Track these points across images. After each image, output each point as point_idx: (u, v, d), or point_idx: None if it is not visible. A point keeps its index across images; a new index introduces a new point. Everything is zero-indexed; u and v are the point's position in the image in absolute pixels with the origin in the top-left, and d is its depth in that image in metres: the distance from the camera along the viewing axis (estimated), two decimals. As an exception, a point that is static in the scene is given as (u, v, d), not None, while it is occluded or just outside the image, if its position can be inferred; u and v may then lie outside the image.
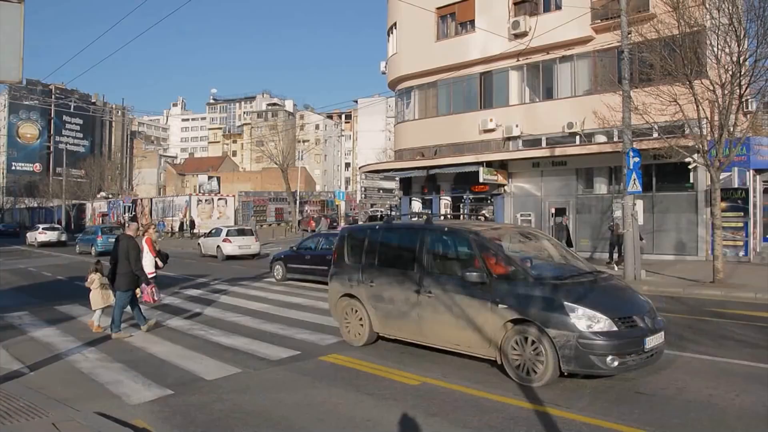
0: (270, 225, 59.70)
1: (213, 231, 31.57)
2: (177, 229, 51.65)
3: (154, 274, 12.65)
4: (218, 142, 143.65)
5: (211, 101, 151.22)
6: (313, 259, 18.50)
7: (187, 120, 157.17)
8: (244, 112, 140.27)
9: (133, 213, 55.04)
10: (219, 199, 54.99)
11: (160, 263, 13.03)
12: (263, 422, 6.27)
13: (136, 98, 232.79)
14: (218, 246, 28.85)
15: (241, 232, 29.75)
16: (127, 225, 11.54)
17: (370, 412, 6.57)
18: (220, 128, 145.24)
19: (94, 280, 11.32)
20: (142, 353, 9.41)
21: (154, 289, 11.36)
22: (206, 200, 54.08)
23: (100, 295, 11.29)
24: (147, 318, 11.51)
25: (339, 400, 6.98)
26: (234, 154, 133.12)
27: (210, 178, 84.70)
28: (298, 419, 6.36)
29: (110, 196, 69.42)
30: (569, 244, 21.73)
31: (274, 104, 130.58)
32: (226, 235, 29.01)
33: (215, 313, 13.09)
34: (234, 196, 58.68)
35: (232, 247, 28.40)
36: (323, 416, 6.46)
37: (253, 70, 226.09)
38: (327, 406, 6.80)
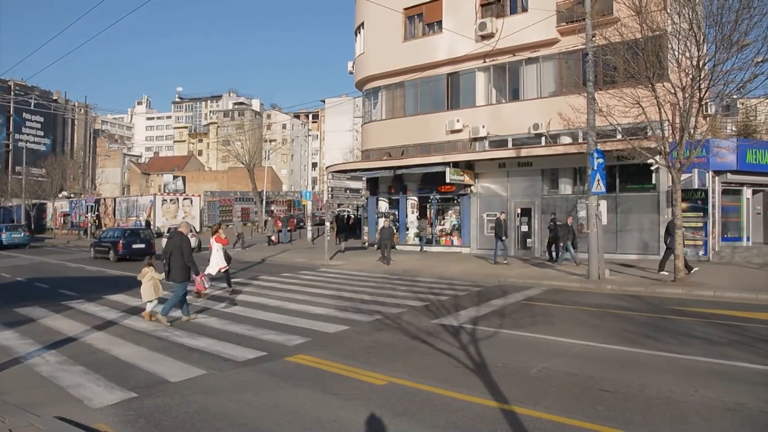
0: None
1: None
2: None
3: (227, 268, 15.72)
4: (184, 141, 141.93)
5: (177, 100, 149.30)
6: (105, 243, 29.26)
7: (152, 118, 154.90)
8: (211, 111, 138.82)
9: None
10: (184, 198, 54.33)
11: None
12: (229, 424, 6.20)
13: (99, 96, 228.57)
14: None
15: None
16: (179, 223, 13.45)
17: (337, 412, 6.55)
18: (185, 127, 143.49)
19: (146, 274, 12.01)
20: (105, 355, 9.24)
21: (204, 278, 12.77)
22: (171, 200, 53.38)
23: (151, 288, 12.03)
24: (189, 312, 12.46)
25: (306, 401, 6.94)
26: (200, 153, 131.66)
27: (175, 177, 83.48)
28: (264, 421, 6.31)
29: (72, 195, 68.10)
30: (574, 245, 21.88)
31: (241, 103, 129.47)
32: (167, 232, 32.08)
33: (179, 314, 12.90)
34: (200, 195, 58.02)
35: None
36: (290, 417, 6.42)
37: (219, 69, 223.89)
38: (293, 407, 6.75)
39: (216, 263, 15.89)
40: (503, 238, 23.05)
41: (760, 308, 12.92)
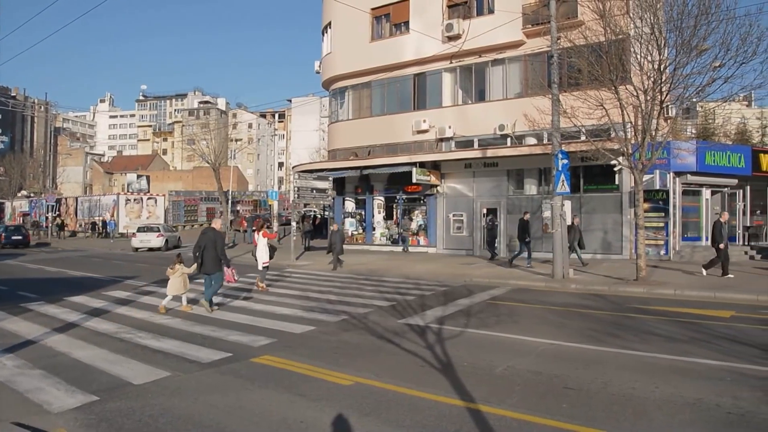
0: (201, 225, 58.44)
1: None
2: (90, 230, 50.27)
3: (267, 264, 16.98)
4: (148, 140, 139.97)
5: (141, 98, 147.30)
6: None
7: (116, 117, 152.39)
8: (175, 110, 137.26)
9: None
10: (148, 198, 53.65)
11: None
12: (193, 427, 6.12)
13: (60, 93, 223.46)
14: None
15: (149, 229, 37.02)
16: (212, 220, 15.13)
17: (304, 413, 6.51)
18: (150, 126, 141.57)
19: (177, 270, 13.26)
20: (66, 358, 9.03)
21: (233, 271, 13.79)
22: (135, 200, 52.67)
23: (180, 283, 13.27)
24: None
25: (272, 402, 6.89)
26: (164, 152, 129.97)
27: (139, 177, 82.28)
28: (230, 422, 6.24)
29: (32, 194, 66.61)
30: (581, 245, 21.40)
31: (207, 102, 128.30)
32: (137, 231, 37.15)
33: (144, 315, 12.72)
34: (164, 195, 57.30)
35: (136, 241, 35.55)
36: (256, 419, 6.36)
37: (184, 67, 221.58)
38: (259, 408, 6.70)
39: (262, 258, 17.11)
40: (527, 240, 21.64)
41: (719, 306, 13.23)
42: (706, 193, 24.19)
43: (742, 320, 11.62)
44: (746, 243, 25.54)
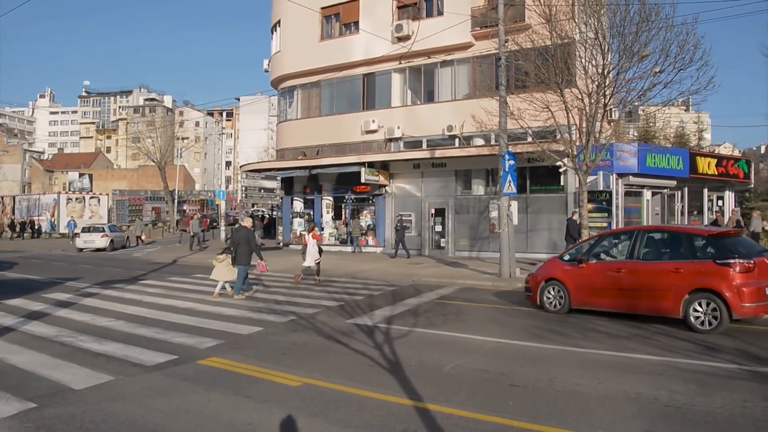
0: (146, 225, 57.26)
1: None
2: (8, 230, 48.30)
3: (319, 260, 18.49)
4: (91, 137, 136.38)
5: (84, 94, 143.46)
6: None
7: (57, 113, 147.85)
8: (120, 107, 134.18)
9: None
10: (91, 197, 52.26)
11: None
12: (137, 431, 6.00)
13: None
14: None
15: (93, 230, 35.94)
16: (242, 219, 18.64)
17: (251, 415, 6.45)
18: (93, 123, 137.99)
19: (223, 260, 15.29)
20: (1, 364, 8.66)
21: (265, 263, 15.65)
22: (77, 199, 51.22)
23: (227, 270, 15.19)
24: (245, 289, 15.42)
25: (218, 405, 6.79)
26: (108, 150, 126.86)
27: (81, 175, 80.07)
28: (174, 426, 6.13)
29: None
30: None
31: (152, 99, 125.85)
32: (81, 231, 36.07)
33: (85, 317, 12.37)
34: (108, 194, 55.95)
35: (80, 241, 34.72)
36: (202, 422, 6.26)
37: (129, 63, 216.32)
38: (206, 411, 6.60)
39: (312, 256, 18.32)
40: (578, 239, 19.67)
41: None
42: (647, 194, 24.88)
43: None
44: None
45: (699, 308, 10.50)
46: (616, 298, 11.78)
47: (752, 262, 10.42)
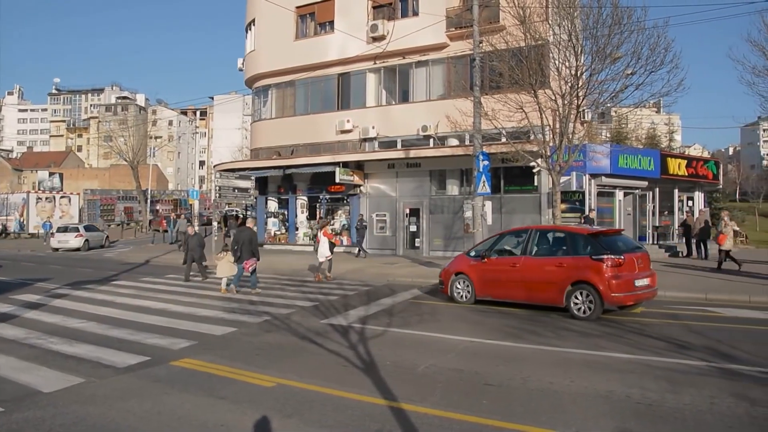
0: (118, 225, 56.56)
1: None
2: None
3: (330, 257, 18.92)
4: (61, 136, 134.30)
5: (54, 92, 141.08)
6: None
7: (26, 111, 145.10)
8: (91, 105, 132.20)
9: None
10: (62, 197, 51.39)
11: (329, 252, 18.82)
12: (108, 433, 5.93)
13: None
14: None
15: (67, 229, 35.51)
16: (248, 219, 19.23)
17: (224, 416, 6.39)
18: (63, 121, 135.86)
19: (223, 258, 16.58)
20: (-32, 366, 8.50)
21: (255, 263, 16.34)
22: (47, 198, 50.32)
23: (228, 267, 16.29)
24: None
25: (192, 406, 6.72)
26: (79, 149, 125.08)
27: (51, 174, 78.59)
28: (147, 429, 6.05)
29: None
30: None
31: (125, 98, 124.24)
32: (56, 231, 35.82)
33: (56, 319, 12.18)
34: (79, 194, 55.10)
35: (54, 241, 34.38)
36: (175, 424, 6.20)
37: (101, 61, 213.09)
38: (179, 413, 6.53)
39: (323, 253, 18.74)
40: None
41: (630, 303, 13.81)
42: (619, 194, 25.19)
43: (651, 315, 12.21)
44: (655, 242, 26.78)
45: (578, 298, 11.99)
46: (512, 289, 13.20)
47: (622, 257, 11.91)
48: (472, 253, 14.46)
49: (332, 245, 19.41)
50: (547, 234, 13.82)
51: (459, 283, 14.24)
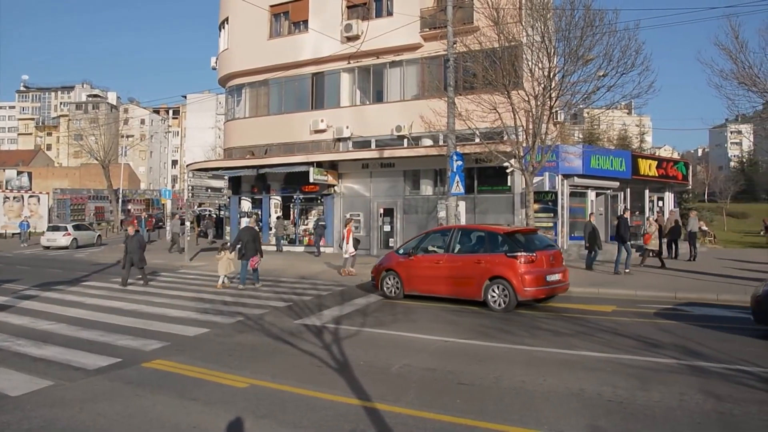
0: (91, 225, 55.57)
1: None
2: None
3: (354, 253, 20.14)
4: (30, 134, 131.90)
5: (22, 89, 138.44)
6: None
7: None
8: (61, 103, 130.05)
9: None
10: (30, 196, 50.43)
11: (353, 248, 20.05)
12: (78, 437, 5.84)
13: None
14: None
15: (55, 228, 36.49)
16: (249, 220, 20.46)
17: (197, 418, 6.34)
18: (32, 119, 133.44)
19: (224, 256, 17.35)
20: (-70, 371, 8.28)
21: (260, 258, 17.56)
22: (15, 198, 49.34)
23: (229, 264, 17.24)
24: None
25: (164, 408, 6.66)
26: (48, 148, 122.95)
27: (20, 173, 77.18)
28: (118, 431, 5.99)
29: None
30: (599, 246, 20.30)
31: (96, 96, 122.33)
32: (46, 230, 36.90)
33: (24, 321, 11.96)
34: (48, 193, 54.17)
35: (44, 239, 35.00)
36: (147, 426, 6.13)
37: (71, 58, 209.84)
38: (151, 415, 6.46)
39: (348, 249, 19.96)
40: (626, 241, 19.33)
41: (601, 301, 14.00)
42: (591, 194, 25.44)
43: (622, 314, 12.36)
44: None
45: (494, 292, 12.93)
46: (437, 285, 14.10)
47: (534, 254, 12.87)
48: (401, 251, 15.36)
49: (357, 242, 20.57)
50: (469, 233, 14.78)
51: (389, 279, 15.03)
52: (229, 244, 19.30)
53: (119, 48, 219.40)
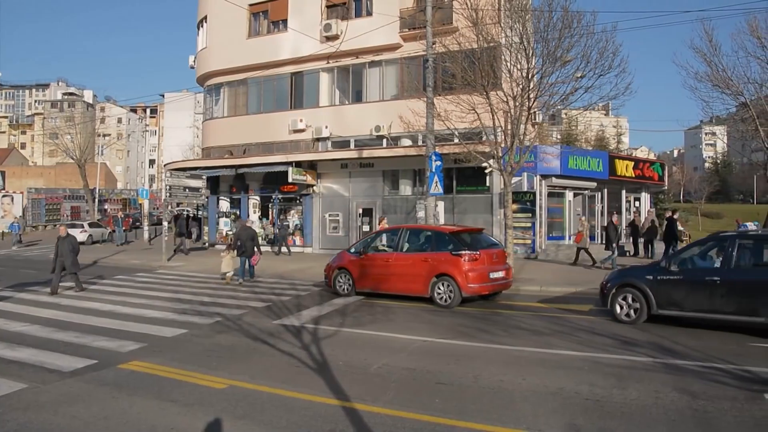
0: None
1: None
2: None
3: None
4: (4, 132, 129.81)
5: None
6: None
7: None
8: (36, 101, 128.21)
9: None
10: (3, 196, 49.76)
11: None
12: (53, 439, 5.76)
13: None
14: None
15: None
16: (246, 220, 22.16)
17: (175, 419, 6.29)
18: (5, 117, 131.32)
19: (227, 255, 18.58)
20: None
21: (260, 256, 19.06)
22: (-12, 198, 48.63)
23: (232, 262, 18.44)
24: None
25: (140, 410, 6.59)
26: (23, 146, 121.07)
27: (-8, 172, 76.07)
28: (94, 433, 5.93)
29: None
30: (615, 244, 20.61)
31: (72, 94, 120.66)
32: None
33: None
34: (22, 193, 53.41)
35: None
36: (123, 428, 6.07)
37: (47, 55, 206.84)
38: (127, 416, 6.40)
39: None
40: (673, 240, 21.97)
41: (579, 300, 14.10)
42: (569, 195, 25.66)
43: (599, 313, 12.43)
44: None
45: (440, 289, 13.49)
46: (386, 282, 14.58)
47: (478, 253, 13.45)
48: (352, 250, 15.87)
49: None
50: (417, 232, 15.46)
51: (341, 278, 15.46)
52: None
53: (96, 46, 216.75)
